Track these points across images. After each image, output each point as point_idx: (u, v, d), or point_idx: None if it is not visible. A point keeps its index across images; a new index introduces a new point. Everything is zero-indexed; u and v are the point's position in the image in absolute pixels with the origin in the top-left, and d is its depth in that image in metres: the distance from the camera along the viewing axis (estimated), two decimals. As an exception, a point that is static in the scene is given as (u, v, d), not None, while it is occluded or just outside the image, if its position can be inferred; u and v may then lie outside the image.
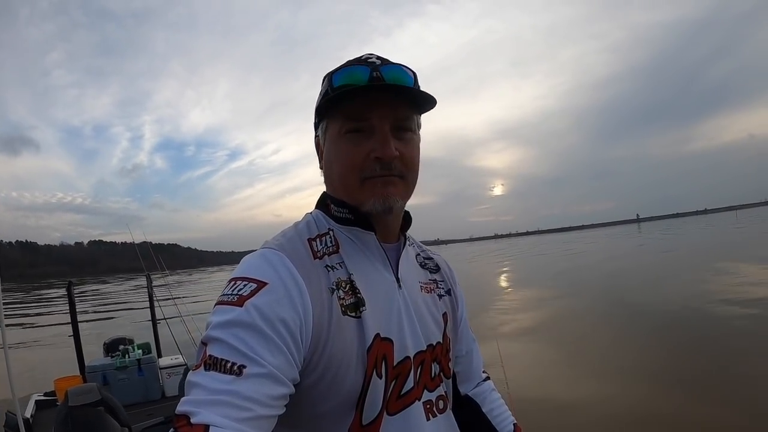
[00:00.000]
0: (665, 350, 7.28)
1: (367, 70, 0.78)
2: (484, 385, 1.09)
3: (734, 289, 11.69)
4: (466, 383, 1.06)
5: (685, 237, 43.41)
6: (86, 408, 2.86)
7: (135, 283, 50.23)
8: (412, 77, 0.81)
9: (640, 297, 12.09)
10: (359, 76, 0.78)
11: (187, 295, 19.93)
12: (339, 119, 0.81)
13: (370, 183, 0.79)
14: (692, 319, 8.99)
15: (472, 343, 1.07)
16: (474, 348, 1.08)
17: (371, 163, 0.79)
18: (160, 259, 7.04)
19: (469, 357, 1.06)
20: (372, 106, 0.78)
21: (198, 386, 0.63)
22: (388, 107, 0.79)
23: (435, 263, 1.01)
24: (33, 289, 68.37)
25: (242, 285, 0.71)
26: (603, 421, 4.96)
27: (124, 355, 5.01)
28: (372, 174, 0.79)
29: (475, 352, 1.08)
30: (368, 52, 0.82)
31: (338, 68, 0.82)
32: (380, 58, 0.81)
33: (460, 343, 1.03)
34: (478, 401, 1.05)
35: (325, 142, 0.85)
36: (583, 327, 9.60)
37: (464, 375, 1.05)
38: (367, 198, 0.80)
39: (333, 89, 0.79)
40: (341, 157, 0.81)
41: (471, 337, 1.08)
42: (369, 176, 0.79)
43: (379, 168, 0.79)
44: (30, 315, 24.76)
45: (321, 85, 0.86)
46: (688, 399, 5.31)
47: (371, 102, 0.78)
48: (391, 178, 0.80)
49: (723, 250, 23.55)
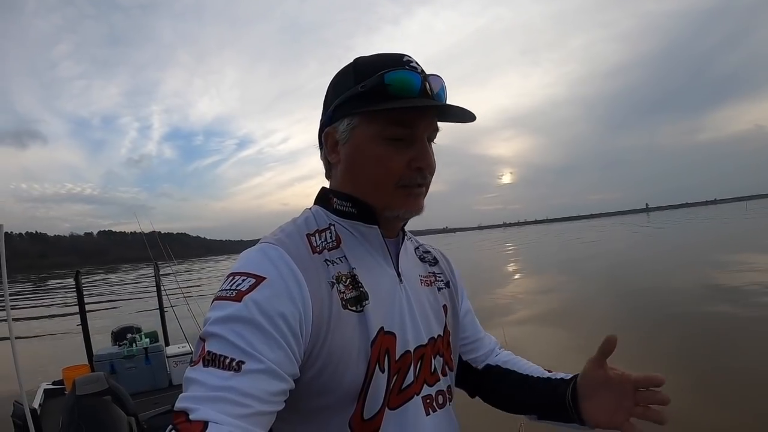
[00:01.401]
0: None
1: (419, 78, 0.77)
2: (503, 353, 1.06)
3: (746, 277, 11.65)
4: (485, 359, 1.03)
5: (698, 226, 43.25)
6: (93, 397, 2.88)
7: (143, 272, 50.71)
8: (445, 88, 0.82)
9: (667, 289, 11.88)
10: (413, 83, 0.76)
11: (195, 285, 20.13)
12: (380, 122, 0.77)
13: (405, 191, 0.80)
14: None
15: (478, 330, 1.06)
16: (482, 333, 1.07)
17: (411, 172, 0.79)
18: (168, 248, 7.07)
19: (482, 341, 1.05)
20: (419, 116, 0.78)
21: (197, 382, 0.62)
22: (430, 119, 0.80)
23: (433, 256, 1.01)
24: (42, 279, 69.30)
25: (241, 280, 0.70)
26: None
27: (131, 344, 5.04)
28: (410, 183, 0.79)
29: (484, 334, 1.07)
30: (400, 52, 0.80)
31: (381, 65, 0.77)
32: (417, 63, 0.80)
33: (467, 332, 1.02)
34: (501, 364, 1.01)
35: (350, 138, 0.80)
36: (598, 315, 9.55)
37: (482, 353, 1.03)
38: (399, 206, 0.81)
39: (386, 89, 0.75)
40: (380, 162, 0.78)
41: (477, 324, 1.07)
42: (406, 184, 0.79)
43: (418, 178, 0.80)
44: (39, 306, 25.03)
45: (343, 75, 0.82)
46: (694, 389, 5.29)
47: (419, 112, 0.78)
48: (421, 190, 0.82)
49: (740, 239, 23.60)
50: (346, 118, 0.80)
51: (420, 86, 0.76)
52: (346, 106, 0.79)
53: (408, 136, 0.78)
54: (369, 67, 0.78)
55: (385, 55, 0.80)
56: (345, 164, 0.82)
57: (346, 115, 0.80)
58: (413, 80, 0.76)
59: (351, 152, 0.81)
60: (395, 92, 0.75)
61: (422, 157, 0.78)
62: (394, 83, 0.75)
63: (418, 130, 0.78)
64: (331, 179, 0.88)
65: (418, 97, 0.76)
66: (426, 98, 0.77)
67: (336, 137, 0.82)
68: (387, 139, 0.77)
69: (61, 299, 26.84)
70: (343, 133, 0.81)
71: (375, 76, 0.76)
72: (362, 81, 0.77)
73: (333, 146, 0.83)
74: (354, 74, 0.79)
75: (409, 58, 0.79)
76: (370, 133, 0.78)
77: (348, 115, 0.79)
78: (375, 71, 0.76)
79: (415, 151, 0.78)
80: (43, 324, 16.90)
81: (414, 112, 0.77)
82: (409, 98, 0.76)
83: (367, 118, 0.78)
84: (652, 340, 7.26)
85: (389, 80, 0.75)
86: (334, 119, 0.82)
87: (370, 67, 0.78)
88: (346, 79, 0.81)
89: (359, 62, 0.80)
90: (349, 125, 0.80)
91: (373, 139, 0.78)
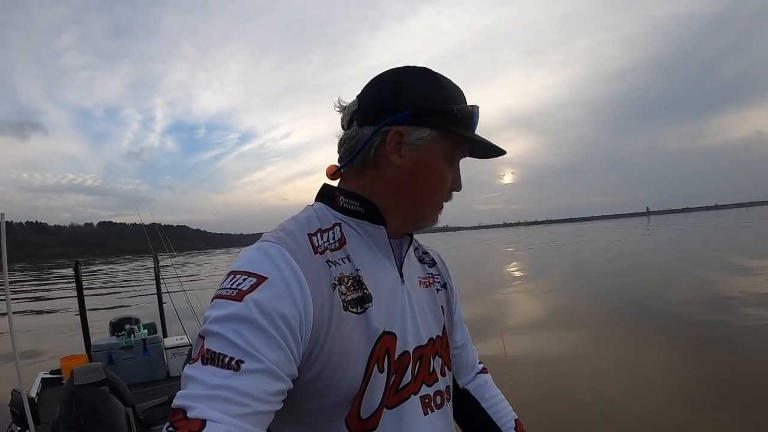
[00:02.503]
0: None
1: (476, 116, 0.84)
2: (481, 378, 1.09)
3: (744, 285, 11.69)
4: (463, 375, 1.07)
5: (700, 231, 43.52)
6: (91, 387, 2.89)
7: (142, 263, 50.76)
8: None
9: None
10: (476, 123, 0.84)
11: (194, 276, 20.13)
12: (454, 144, 0.83)
13: (441, 208, 0.88)
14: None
15: (466, 336, 1.09)
16: (469, 340, 1.10)
17: (449, 193, 0.87)
18: (168, 240, 7.07)
19: (464, 349, 1.07)
20: (466, 148, 0.87)
21: (195, 380, 0.61)
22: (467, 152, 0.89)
23: (431, 257, 1.02)
24: (42, 269, 69.33)
25: (242, 279, 0.69)
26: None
27: (129, 335, 5.03)
28: (446, 200, 0.88)
29: (470, 344, 1.10)
30: (457, 83, 0.85)
31: (460, 93, 0.84)
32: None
33: (456, 336, 1.04)
34: (476, 396, 1.06)
35: (422, 148, 0.80)
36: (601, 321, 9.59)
37: (461, 367, 1.06)
38: (433, 220, 0.88)
39: (471, 120, 0.83)
40: (442, 180, 0.84)
41: (465, 330, 1.09)
42: (444, 201, 0.88)
43: (450, 198, 0.88)
44: (38, 297, 25.06)
45: (425, 83, 0.81)
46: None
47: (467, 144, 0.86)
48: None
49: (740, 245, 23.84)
50: (429, 128, 0.79)
51: (475, 124, 0.84)
52: (432, 117, 0.79)
53: (457, 161, 0.87)
54: (454, 91, 0.83)
55: (452, 82, 0.84)
56: (408, 170, 0.81)
57: (430, 126, 0.79)
58: (476, 117, 0.84)
59: (420, 161, 0.81)
60: (471, 125, 0.83)
61: (459, 181, 0.88)
62: (475, 119, 0.83)
63: (461, 158, 0.88)
64: (355, 175, 0.84)
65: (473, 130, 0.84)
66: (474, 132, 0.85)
67: (405, 140, 0.79)
68: (450, 160, 0.84)
69: (60, 289, 26.86)
70: (419, 140, 0.79)
71: (468, 106, 0.82)
72: (447, 100, 0.81)
73: (396, 147, 0.80)
74: (440, 90, 0.81)
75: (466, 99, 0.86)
76: (443, 151, 0.82)
77: (433, 126, 0.80)
78: (458, 96, 0.83)
79: (456, 174, 0.87)
80: (41, 314, 16.93)
81: (467, 144, 0.86)
82: (471, 130, 0.83)
83: (447, 137, 0.82)
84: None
85: (476, 116, 0.83)
86: (411, 123, 0.79)
87: (455, 91, 0.83)
88: (429, 89, 0.80)
89: (443, 80, 0.83)
90: (429, 136, 0.80)
91: (443, 158, 0.83)
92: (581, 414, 4.96)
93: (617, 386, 5.71)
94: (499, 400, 1.07)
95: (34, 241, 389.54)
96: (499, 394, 1.08)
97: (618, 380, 5.95)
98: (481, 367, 1.11)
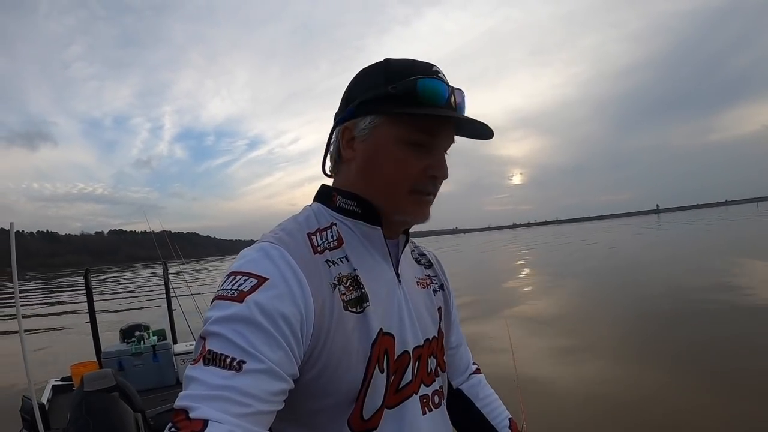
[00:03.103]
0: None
1: (447, 89, 0.77)
2: (475, 379, 1.10)
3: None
4: (457, 376, 1.08)
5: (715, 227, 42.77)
6: (101, 393, 2.91)
7: (152, 270, 51.02)
8: (465, 103, 0.83)
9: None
10: (442, 93, 0.76)
11: (204, 283, 20.18)
12: (405, 126, 0.77)
13: (416, 198, 0.81)
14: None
15: (461, 337, 1.09)
16: (463, 341, 1.10)
17: (425, 179, 0.80)
18: (177, 247, 7.11)
19: (459, 350, 1.08)
20: (442, 126, 0.79)
21: (197, 381, 0.61)
22: (450, 130, 0.81)
23: (428, 259, 1.02)
24: (52, 277, 69.84)
25: (242, 280, 0.69)
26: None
27: (139, 342, 5.07)
28: (423, 189, 0.80)
29: (464, 344, 1.10)
30: (428, 61, 0.80)
31: (412, 70, 0.77)
32: (444, 74, 0.80)
33: (451, 336, 1.04)
34: (470, 395, 1.06)
35: (370, 137, 0.79)
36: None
37: (455, 367, 1.07)
38: (409, 212, 0.82)
39: (417, 95, 0.75)
40: (399, 164, 0.78)
41: (460, 331, 1.09)
42: (418, 190, 0.80)
43: (430, 186, 0.81)
44: (49, 303, 25.25)
45: (372, 73, 0.81)
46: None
47: (443, 122, 0.79)
48: (430, 198, 0.83)
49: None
50: (369, 115, 0.79)
51: (447, 97, 0.77)
52: (371, 104, 0.78)
53: (428, 144, 0.79)
54: (401, 70, 0.77)
55: (415, 61, 0.80)
56: (360, 162, 0.81)
57: (370, 113, 0.79)
58: (442, 90, 0.76)
59: (370, 150, 0.80)
60: (425, 99, 0.75)
61: (439, 165, 0.80)
62: (426, 91, 0.75)
63: (439, 139, 0.79)
64: (336, 175, 0.87)
65: (444, 107, 0.77)
66: (450, 109, 0.78)
67: (354, 133, 0.81)
68: (409, 143, 0.78)
69: (71, 297, 27.06)
70: (364, 130, 0.79)
71: (408, 80, 0.75)
72: (392, 82, 0.76)
73: (349, 141, 0.82)
74: (385, 74, 0.78)
75: (438, 68, 0.80)
76: (393, 134, 0.78)
77: (373, 113, 0.78)
78: (407, 75, 0.76)
79: (432, 159, 0.79)
80: (52, 321, 17.05)
81: (439, 121, 0.78)
82: (436, 107, 0.76)
83: (393, 120, 0.77)
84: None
85: (422, 87, 0.75)
86: (355, 115, 0.80)
87: (403, 70, 0.77)
88: (374, 78, 0.80)
89: (391, 63, 0.79)
90: (371, 123, 0.79)
91: (396, 142, 0.78)
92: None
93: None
94: (493, 400, 1.07)
95: (46, 250, 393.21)
96: (492, 393, 1.09)
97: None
98: (474, 367, 1.12)
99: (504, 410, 1.06)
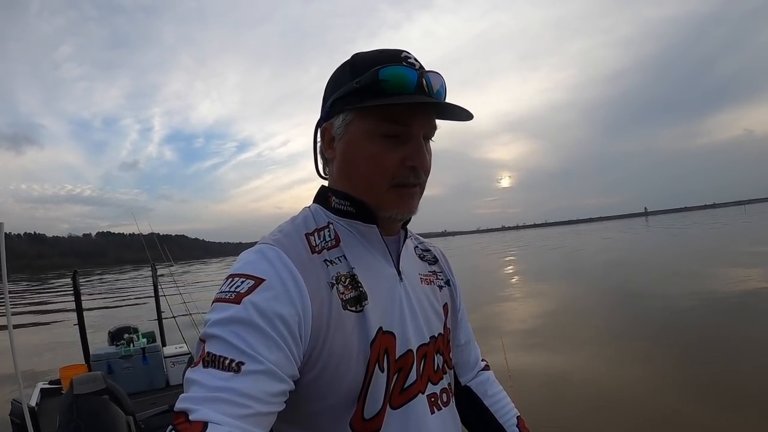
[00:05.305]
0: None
1: (415, 74, 0.75)
2: (483, 375, 1.08)
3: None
4: (466, 373, 1.06)
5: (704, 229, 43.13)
6: (91, 396, 2.87)
7: (140, 273, 50.56)
8: (445, 86, 0.80)
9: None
10: (409, 79, 0.74)
11: (194, 285, 20.03)
12: (374, 118, 0.76)
13: (398, 191, 0.79)
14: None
15: (469, 333, 1.07)
16: (472, 337, 1.08)
17: (404, 171, 0.77)
18: (166, 249, 7.06)
19: (468, 346, 1.06)
20: (414, 113, 0.76)
21: (196, 383, 0.62)
22: (426, 117, 0.78)
23: (432, 255, 1.00)
24: (40, 279, 68.92)
25: (240, 282, 0.69)
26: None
27: (128, 344, 5.01)
28: (403, 182, 0.78)
29: (472, 341, 1.08)
30: (398, 48, 0.78)
31: (377, 61, 0.76)
32: (416, 59, 0.78)
33: (460, 333, 1.03)
34: (478, 393, 1.04)
35: (344, 134, 0.79)
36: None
37: (463, 364, 1.05)
38: (392, 206, 0.80)
39: (380, 85, 0.74)
40: (373, 160, 0.77)
41: (468, 327, 1.07)
42: (399, 183, 0.78)
43: (411, 177, 0.78)
44: (36, 304, 24.93)
45: (341, 71, 0.80)
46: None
47: (414, 109, 0.76)
48: (415, 190, 0.80)
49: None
50: (341, 113, 0.79)
51: (416, 83, 0.74)
52: (341, 101, 0.78)
53: (403, 134, 0.76)
54: (366, 62, 0.77)
55: (383, 50, 0.78)
56: (339, 161, 0.82)
57: (341, 111, 0.78)
58: (409, 76, 0.74)
59: (345, 149, 0.80)
60: (390, 88, 0.73)
61: (416, 155, 0.77)
62: (389, 79, 0.73)
63: (412, 127, 0.77)
64: (329, 176, 0.87)
65: (414, 94, 0.75)
66: (422, 95, 0.75)
67: (332, 133, 0.81)
68: (381, 136, 0.76)
69: (58, 299, 26.73)
70: (339, 128, 0.80)
71: (370, 72, 0.74)
72: (358, 76, 0.76)
73: (329, 142, 0.83)
74: (350, 69, 0.78)
75: (408, 54, 0.78)
76: (364, 129, 0.77)
77: (343, 110, 0.78)
78: (371, 67, 0.74)
79: (408, 149, 0.77)
80: (39, 323, 16.83)
81: (409, 109, 0.75)
82: (403, 95, 0.74)
83: (361, 114, 0.77)
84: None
85: (384, 76, 0.73)
86: (331, 115, 0.81)
87: (367, 62, 0.76)
88: (343, 75, 0.79)
89: (356, 58, 0.79)
90: (344, 121, 0.79)
91: (368, 136, 0.77)
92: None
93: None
94: (502, 397, 1.05)
95: (33, 252, 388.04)
96: (501, 391, 1.07)
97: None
98: (483, 364, 1.11)
99: (512, 408, 1.04)
